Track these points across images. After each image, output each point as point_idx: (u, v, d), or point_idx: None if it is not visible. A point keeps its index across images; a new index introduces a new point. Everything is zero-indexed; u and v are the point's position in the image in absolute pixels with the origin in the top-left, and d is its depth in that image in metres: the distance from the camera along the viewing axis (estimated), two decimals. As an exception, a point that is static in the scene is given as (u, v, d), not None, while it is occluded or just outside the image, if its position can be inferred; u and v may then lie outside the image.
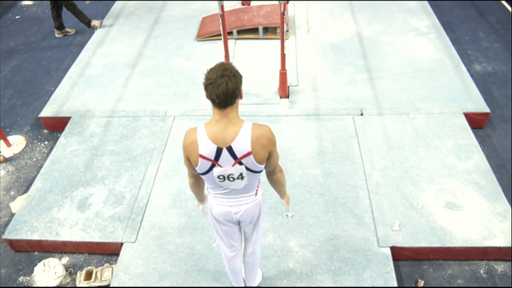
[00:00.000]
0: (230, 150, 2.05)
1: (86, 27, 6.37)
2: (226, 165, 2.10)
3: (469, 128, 4.18)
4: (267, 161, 2.20)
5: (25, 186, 4.09)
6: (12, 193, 4.05)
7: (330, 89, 4.81)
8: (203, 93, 4.72)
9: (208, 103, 4.51)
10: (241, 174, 2.14)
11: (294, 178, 3.75)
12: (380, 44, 5.51)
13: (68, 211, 3.60)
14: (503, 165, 3.99)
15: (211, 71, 1.97)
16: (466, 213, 3.38)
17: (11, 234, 3.44)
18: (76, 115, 4.63)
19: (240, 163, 2.09)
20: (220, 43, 4.53)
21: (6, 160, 4.45)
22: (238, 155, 2.07)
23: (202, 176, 2.23)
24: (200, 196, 2.58)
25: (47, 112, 4.74)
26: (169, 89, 4.94)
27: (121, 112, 4.62)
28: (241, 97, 2.07)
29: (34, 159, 4.42)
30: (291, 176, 3.76)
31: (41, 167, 4.13)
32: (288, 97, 4.72)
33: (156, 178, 3.84)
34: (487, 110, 4.39)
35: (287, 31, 5.82)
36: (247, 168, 2.12)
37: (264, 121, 4.38)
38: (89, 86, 5.09)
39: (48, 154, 4.40)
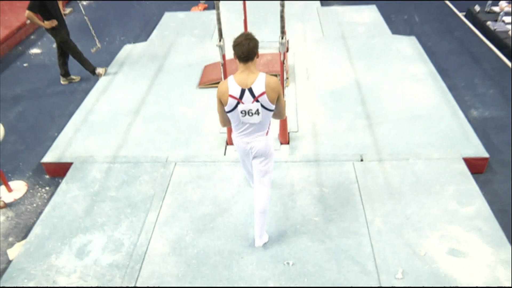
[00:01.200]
0: (250, 90, 2.93)
1: (91, 74, 6.54)
2: (247, 102, 2.96)
3: (469, 173, 4.20)
4: (276, 103, 3.06)
5: (24, 232, 4.07)
6: (10, 239, 4.02)
7: (330, 135, 4.88)
8: (204, 139, 4.91)
9: (208, 149, 4.66)
10: (257, 110, 2.99)
11: (295, 225, 3.74)
12: (378, 91, 5.64)
13: (66, 259, 3.56)
14: (505, 211, 3.98)
15: (238, 37, 2.91)
16: (470, 260, 3.34)
17: (7, 282, 3.39)
18: (78, 161, 4.68)
19: (257, 101, 2.95)
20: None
21: (6, 205, 4.45)
22: (256, 94, 2.93)
23: (229, 114, 3.08)
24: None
25: (49, 157, 4.79)
26: (170, 135, 5.02)
27: (123, 158, 4.67)
28: (257, 56, 2.98)
29: (35, 205, 4.43)
30: (292, 223, 3.75)
31: (41, 213, 4.12)
32: (288, 143, 4.79)
33: (156, 224, 3.83)
34: (486, 155, 4.44)
35: (287, 78, 5.96)
36: (262, 106, 2.98)
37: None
38: (92, 132, 5.17)
39: (48, 199, 4.41)
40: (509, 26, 7.05)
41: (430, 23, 7.97)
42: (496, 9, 7.76)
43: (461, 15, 8.25)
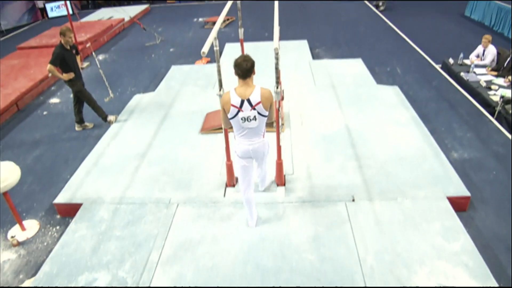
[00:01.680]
0: (248, 101, 3.38)
1: (103, 121, 6.55)
2: (246, 110, 3.39)
3: (453, 211, 4.10)
4: (269, 110, 3.51)
5: (34, 269, 3.91)
6: (21, 276, 3.86)
7: (323, 176, 4.80)
8: (205, 181, 4.83)
9: (208, 191, 4.56)
10: (255, 116, 3.43)
11: (291, 263, 3.59)
12: (366, 134, 5.62)
13: (72, 297, 3.38)
14: (488, 246, 3.85)
15: (237, 58, 3.37)
16: (460, 297, 3.17)
17: (13, 321, 3.20)
18: (87, 202, 4.57)
19: (254, 109, 3.39)
20: (222, 136, 4.60)
21: (19, 244, 4.30)
22: (253, 103, 3.38)
23: (232, 121, 3.51)
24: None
25: (60, 198, 4.68)
26: (174, 177, 4.93)
27: (129, 199, 4.57)
28: (254, 73, 3.43)
29: (45, 243, 4.28)
30: (288, 261, 3.60)
31: (50, 251, 3.98)
32: (284, 185, 4.69)
33: (158, 263, 3.67)
34: (468, 194, 4.35)
35: (283, 124, 5.96)
36: (258, 113, 3.42)
37: (262, 207, 4.32)
38: (101, 174, 5.09)
39: (58, 238, 4.26)
40: (479, 77, 7.18)
41: (410, 74, 8.09)
42: (467, 61, 7.93)
43: (437, 66, 8.39)
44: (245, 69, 3.34)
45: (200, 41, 11.15)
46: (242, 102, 3.39)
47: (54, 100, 8.00)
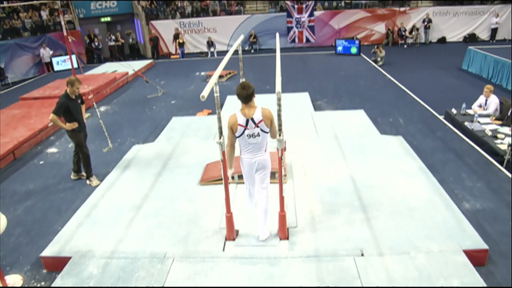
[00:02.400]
0: (252, 119, 3.90)
1: (85, 178, 6.37)
2: (251, 128, 3.91)
3: (471, 266, 3.79)
4: (270, 126, 3.99)
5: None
6: None
7: (329, 229, 4.52)
8: (203, 235, 4.54)
9: (207, 245, 4.26)
10: (258, 132, 3.94)
11: (297, 325, 3.23)
12: (373, 185, 5.40)
13: None
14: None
15: (238, 87, 3.90)
16: None
17: None
18: (76, 256, 4.26)
19: (258, 126, 3.91)
20: (222, 187, 4.40)
21: (-2, 303, 3.94)
22: (256, 121, 3.90)
23: (239, 138, 4.00)
24: (231, 161, 4.20)
25: (48, 251, 4.39)
26: (170, 231, 4.65)
27: (121, 253, 4.26)
28: (254, 96, 3.95)
29: (27, 303, 3.91)
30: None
31: (31, 312, 3.61)
32: (287, 238, 4.40)
33: (149, 326, 3.31)
34: (486, 246, 4.06)
35: (285, 175, 5.75)
36: (261, 130, 3.93)
37: (264, 264, 4.02)
38: (94, 227, 4.82)
39: (41, 297, 3.91)
40: (484, 126, 7.10)
41: (413, 125, 8.02)
42: (470, 111, 7.90)
43: (440, 117, 8.34)
44: (245, 95, 3.88)
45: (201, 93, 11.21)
46: (247, 121, 3.92)
47: (52, 150, 7.88)
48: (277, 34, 7.30)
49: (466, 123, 7.33)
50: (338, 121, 8.08)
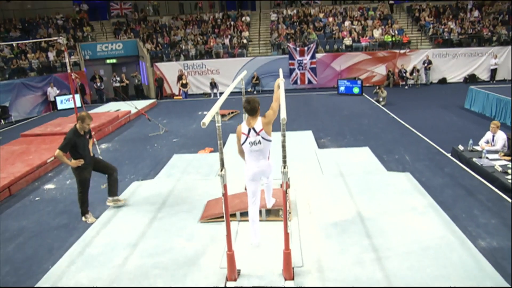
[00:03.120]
0: (253, 129, 4.23)
1: (80, 215, 6.05)
2: (252, 136, 4.24)
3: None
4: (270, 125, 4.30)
5: None
6: None
7: (337, 270, 4.21)
8: (202, 275, 4.22)
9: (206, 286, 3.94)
10: (259, 140, 4.24)
11: None
12: (382, 223, 5.12)
13: None
14: None
15: (244, 101, 4.37)
16: None
17: None
18: (65, 298, 3.93)
19: (259, 135, 4.22)
20: (223, 225, 4.15)
21: None
22: (257, 130, 4.22)
23: (243, 145, 4.33)
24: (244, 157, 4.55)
25: (35, 294, 4.05)
26: (167, 271, 4.34)
27: (113, 295, 3.93)
28: (258, 109, 4.30)
29: None
30: None
31: None
32: (293, 279, 4.08)
33: None
34: (508, 285, 3.75)
35: (290, 213, 5.49)
36: (262, 137, 4.23)
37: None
38: (86, 266, 4.51)
39: None
40: (493, 162, 6.90)
41: (420, 162, 7.82)
42: (477, 148, 7.74)
43: (447, 154, 8.15)
44: (250, 108, 4.29)
45: (203, 133, 11.16)
46: (249, 130, 4.28)
47: (49, 186, 7.66)
48: (280, 69, 7.28)
49: (474, 159, 7.13)
50: (342, 158, 7.89)
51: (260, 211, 5.47)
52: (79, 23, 21.41)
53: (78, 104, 12.53)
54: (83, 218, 6.01)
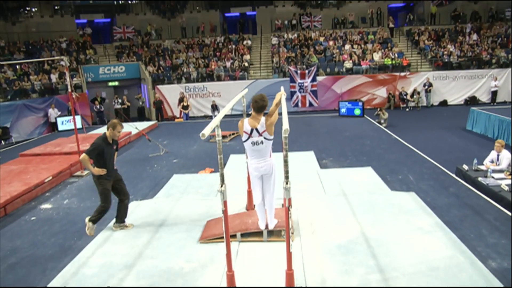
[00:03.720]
0: (256, 129, 4.49)
1: (88, 221, 5.70)
2: (255, 136, 4.50)
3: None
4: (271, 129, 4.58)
5: None
6: None
7: (342, 290, 4.01)
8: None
9: None
10: (262, 141, 4.52)
11: None
12: (387, 243, 4.96)
13: None
14: None
15: (256, 96, 4.58)
16: None
17: None
18: (56, 321, 3.74)
19: (261, 135, 4.49)
20: (223, 246, 4.00)
21: None
22: (260, 131, 4.48)
23: (244, 143, 4.63)
24: None
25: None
26: (165, 291, 4.16)
27: (107, 318, 3.74)
28: (265, 110, 4.60)
29: None
30: None
31: None
32: (296, 300, 3.90)
33: None
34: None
35: (292, 233, 5.33)
36: (264, 138, 4.50)
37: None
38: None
39: None
40: (499, 181, 6.77)
41: (424, 181, 7.68)
42: (482, 167, 7.63)
43: (451, 174, 8.01)
44: (260, 106, 4.51)
45: (204, 153, 11.10)
46: (252, 130, 4.48)
47: (46, 206, 7.51)
48: (282, 87, 7.25)
49: (480, 179, 7.00)
50: (345, 178, 7.76)
51: (262, 232, 5.33)
52: (82, 46, 21.69)
53: (79, 125, 12.57)
54: (87, 222, 5.61)
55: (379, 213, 5.94)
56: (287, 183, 3.68)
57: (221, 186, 3.81)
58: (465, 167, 7.68)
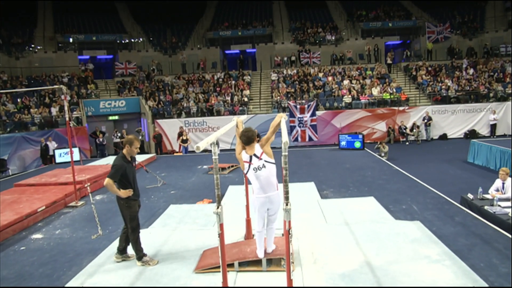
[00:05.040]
0: (255, 155, 4.53)
1: (137, 261, 5.42)
2: (255, 162, 4.51)
3: None
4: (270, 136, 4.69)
5: None
6: None
7: (347, 321, 3.73)
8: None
9: None
10: (263, 164, 4.50)
11: None
12: (394, 273, 4.70)
13: None
14: None
15: (242, 131, 4.64)
16: None
17: None
18: None
19: (261, 159, 4.50)
20: (220, 276, 3.77)
21: None
22: (258, 155, 4.52)
23: (248, 175, 4.61)
24: None
25: None
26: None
27: None
28: (257, 140, 4.62)
29: None
30: None
31: None
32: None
33: None
34: None
35: (293, 262, 5.07)
36: (265, 161, 4.51)
37: None
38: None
39: None
40: (506, 209, 6.57)
41: (429, 211, 7.44)
42: (487, 196, 7.46)
43: (456, 203, 7.79)
44: (249, 136, 4.52)
45: (202, 185, 10.89)
46: (251, 157, 4.51)
47: (37, 236, 7.21)
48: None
49: (486, 207, 6.80)
50: (347, 208, 7.53)
51: (261, 261, 5.07)
52: (84, 81, 21.98)
53: (77, 158, 12.44)
54: (141, 263, 5.34)
55: (384, 242, 5.70)
56: (287, 204, 3.50)
57: (217, 207, 3.63)
58: (470, 196, 7.49)
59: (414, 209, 7.66)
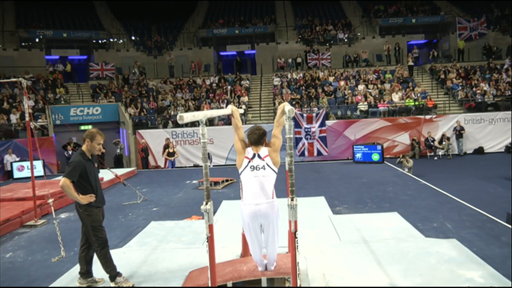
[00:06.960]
0: (258, 154, 4.58)
1: (110, 280, 5.27)
2: (256, 161, 4.54)
3: None
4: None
5: None
6: None
7: None
8: None
9: None
10: (263, 166, 4.53)
11: None
12: (427, 296, 4.38)
13: None
14: None
15: (250, 129, 4.74)
16: None
17: None
18: None
19: (263, 160, 4.54)
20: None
21: None
22: (262, 156, 4.57)
23: (241, 175, 4.60)
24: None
25: None
26: None
27: None
28: (265, 142, 4.69)
29: None
30: None
31: None
32: None
33: None
34: None
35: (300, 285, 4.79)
36: (267, 164, 4.53)
37: None
38: None
39: None
40: None
41: (466, 230, 7.17)
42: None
43: (501, 221, 7.51)
44: (260, 134, 4.59)
45: (191, 201, 10.67)
46: (254, 155, 4.54)
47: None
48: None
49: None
50: (365, 225, 7.28)
51: (260, 281, 4.80)
52: (52, 84, 21.86)
53: (40, 173, 12.16)
54: (115, 284, 5.13)
55: (412, 262, 5.44)
56: (292, 200, 3.25)
57: (206, 203, 3.37)
58: (520, 213, 7.23)
59: (448, 227, 7.40)
